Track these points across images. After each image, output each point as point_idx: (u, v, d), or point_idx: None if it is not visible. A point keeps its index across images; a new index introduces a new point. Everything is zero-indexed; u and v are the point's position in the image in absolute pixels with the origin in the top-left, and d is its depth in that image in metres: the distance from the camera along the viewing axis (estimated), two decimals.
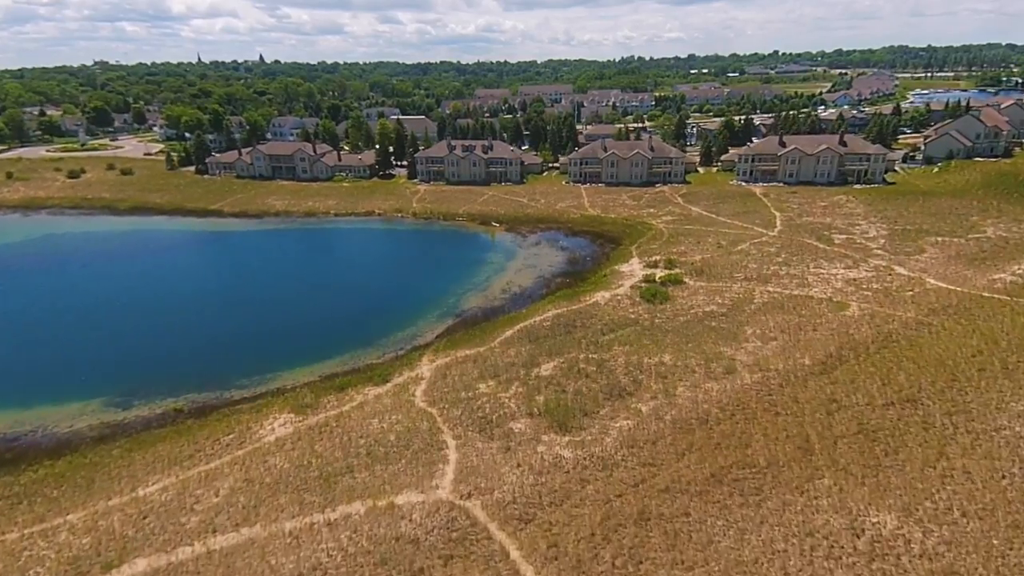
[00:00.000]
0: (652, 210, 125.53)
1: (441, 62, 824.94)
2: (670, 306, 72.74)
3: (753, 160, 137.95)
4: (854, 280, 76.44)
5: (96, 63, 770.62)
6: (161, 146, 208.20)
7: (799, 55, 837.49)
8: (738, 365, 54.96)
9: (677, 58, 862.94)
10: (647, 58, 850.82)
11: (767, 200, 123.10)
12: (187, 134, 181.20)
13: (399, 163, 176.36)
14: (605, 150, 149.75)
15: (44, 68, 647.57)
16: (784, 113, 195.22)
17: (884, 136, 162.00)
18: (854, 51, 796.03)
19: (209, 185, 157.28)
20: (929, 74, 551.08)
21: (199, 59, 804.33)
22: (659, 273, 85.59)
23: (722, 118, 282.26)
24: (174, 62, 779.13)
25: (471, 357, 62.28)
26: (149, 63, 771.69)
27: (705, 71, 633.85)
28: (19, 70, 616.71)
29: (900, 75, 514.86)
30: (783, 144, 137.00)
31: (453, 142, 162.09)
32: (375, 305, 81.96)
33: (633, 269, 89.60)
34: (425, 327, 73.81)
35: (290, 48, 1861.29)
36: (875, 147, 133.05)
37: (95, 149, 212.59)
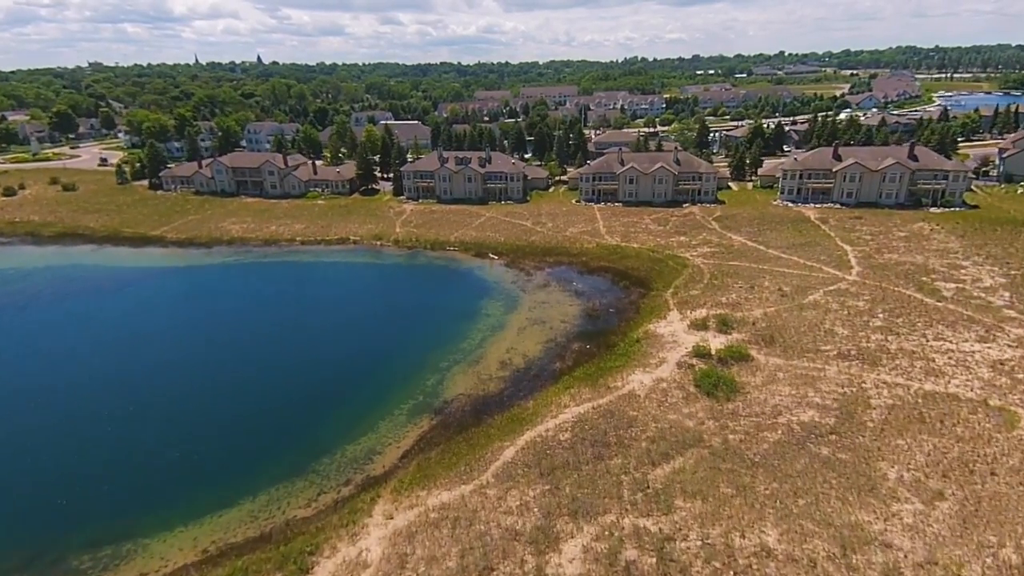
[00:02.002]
0: (683, 238, 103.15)
1: (441, 63, 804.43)
2: (743, 404, 50.20)
3: (801, 176, 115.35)
4: (1000, 364, 53.75)
5: (91, 64, 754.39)
6: (123, 155, 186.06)
7: (805, 55, 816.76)
8: (904, 564, 32.38)
9: (681, 59, 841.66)
10: (650, 59, 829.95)
11: (827, 228, 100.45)
12: (151, 141, 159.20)
13: (385, 176, 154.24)
14: (622, 163, 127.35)
15: (32, 70, 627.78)
16: (824, 117, 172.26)
17: (945, 146, 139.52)
18: (862, 51, 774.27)
19: (160, 204, 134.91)
20: (948, 75, 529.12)
21: (196, 60, 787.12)
22: (712, 340, 63.07)
23: (740, 122, 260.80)
24: (173, 63, 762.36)
25: (450, 510, 39.77)
26: (145, 64, 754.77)
27: (711, 72, 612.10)
28: (12, 72, 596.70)
29: (918, 76, 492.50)
30: (838, 157, 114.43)
31: (445, 153, 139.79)
32: (322, 390, 59.04)
33: (675, 331, 67.05)
34: (388, 434, 51.25)
35: (291, 49, 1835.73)
36: (952, 162, 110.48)
37: (48, 159, 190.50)
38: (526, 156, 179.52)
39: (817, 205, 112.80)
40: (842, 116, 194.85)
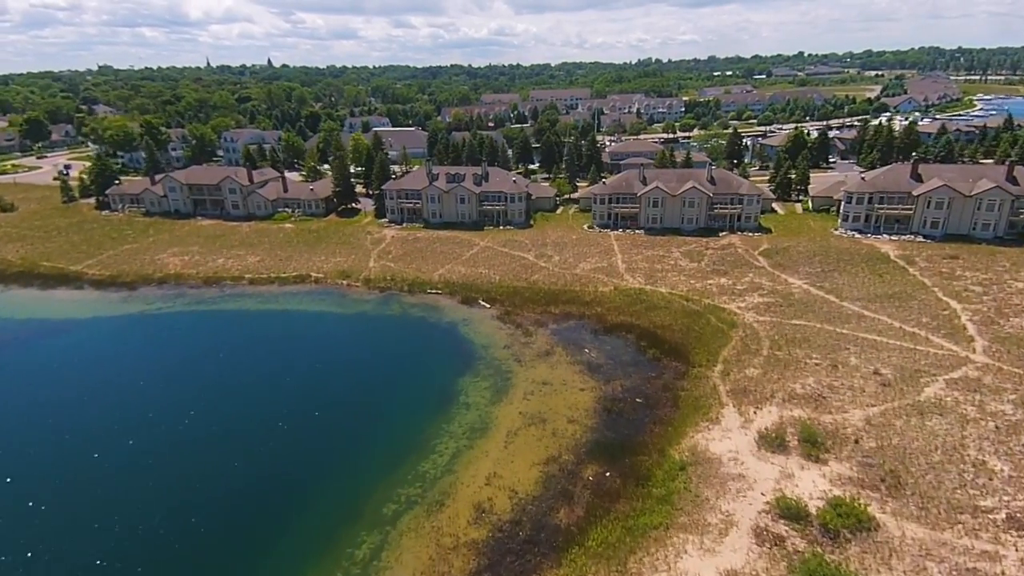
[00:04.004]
0: (724, 280, 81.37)
1: (452, 65, 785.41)
2: None
3: (871, 200, 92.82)
4: None
5: (100, 68, 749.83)
6: (85, 166, 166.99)
7: (825, 56, 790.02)
8: None
9: (696, 60, 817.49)
10: (664, 60, 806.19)
11: (916, 271, 77.94)
12: (99, 152, 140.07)
13: (370, 193, 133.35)
14: (644, 182, 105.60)
15: (32, 73, 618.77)
16: (878, 124, 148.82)
17: None
18: (885, 52, 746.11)
19: (98, 228, 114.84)
20: (982, 77, 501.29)
21: (207, 63, 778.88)
22: (801, 476, 41.34)
23: (769, 127, 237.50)
24: (185, 67, 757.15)
25: None
26: (155, 68, 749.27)
27: (729, 73, 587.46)
28: (16, 75, 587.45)
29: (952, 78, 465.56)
30: (918, 177, 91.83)
31: (436, 169, 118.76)
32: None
33: (737, 450, 45.31)
34: None
35: (305, 53, 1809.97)
36: None
37: (4, 172, 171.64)
38: (531, 167, 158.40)
39: (893, 237, 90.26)
40: (895, 122, 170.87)
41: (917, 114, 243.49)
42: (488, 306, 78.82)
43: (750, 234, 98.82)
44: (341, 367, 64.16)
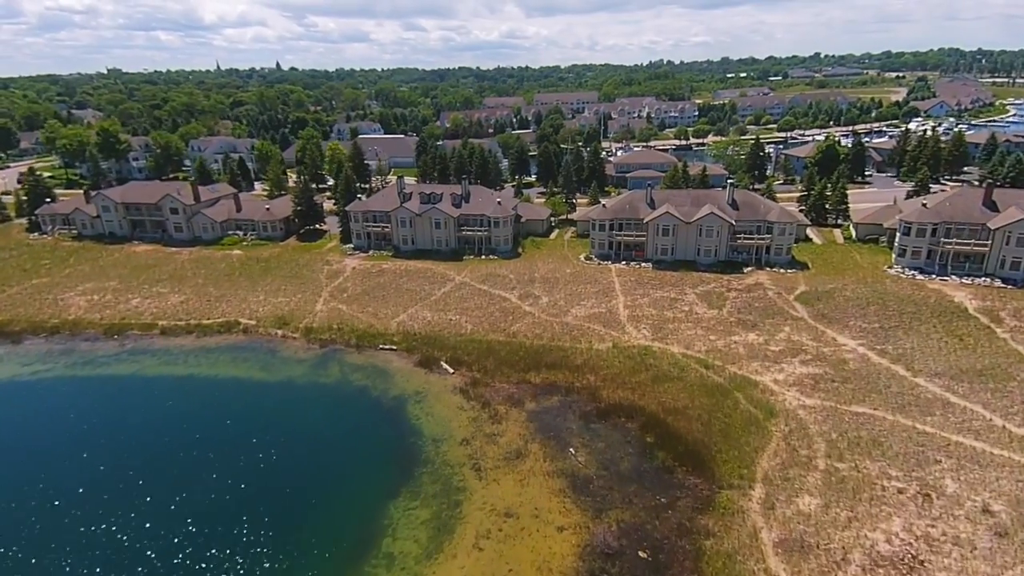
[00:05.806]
0: (752, 337, 63.89)
1: (460, 68, 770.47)
2: None
3: (935, 232, 74.50)
4: None
5: (109, 71, 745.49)
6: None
7: (842, 57, 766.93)
8: None
9: (710, 61, 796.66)
10: (676, 62, 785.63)
11: (1005, 332, 59.52)
12: (31, 167, 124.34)
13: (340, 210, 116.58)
14: (652, 205, 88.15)
15: (32, 77, 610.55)
16: (924, 134, 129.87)
17: None
18: (904, 53, 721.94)
19: (17, 256, 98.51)
20: (1011, 80, 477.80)
21: (217, 66, 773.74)
22: None
23: (790, 133, 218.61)
24: (194, 70, 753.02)
25: None
26: (164, 71, 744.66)
27: (743, 75, 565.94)
28: (12, 78, 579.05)
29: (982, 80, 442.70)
30: (992, 205, 73.47)
31: (409, 187, 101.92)
32: None
33: None
34: None
35: (318, 56, 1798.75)
36: None
37: None
38: (528, 179, 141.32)
39: (964, 280, 71.93)
40: (938, 129, 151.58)
41: (952, 119, 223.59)
42: (451, 371, 61.62)
43: (782, 271, 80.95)
44: (226, 477, 46.50)
